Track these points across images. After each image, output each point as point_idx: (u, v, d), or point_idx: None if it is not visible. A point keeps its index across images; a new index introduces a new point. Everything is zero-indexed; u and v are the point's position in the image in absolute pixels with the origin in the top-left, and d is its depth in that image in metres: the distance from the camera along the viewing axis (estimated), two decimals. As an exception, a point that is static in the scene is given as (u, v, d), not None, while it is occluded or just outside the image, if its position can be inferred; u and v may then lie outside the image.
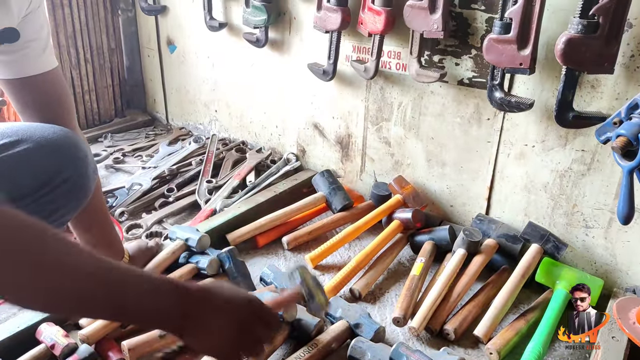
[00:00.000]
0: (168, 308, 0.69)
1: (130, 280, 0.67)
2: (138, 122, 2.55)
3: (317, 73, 1.67)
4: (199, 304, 0.72)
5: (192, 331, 0.72)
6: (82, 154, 1.03)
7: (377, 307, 1.31)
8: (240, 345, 0.75)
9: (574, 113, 1.17)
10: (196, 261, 1.32)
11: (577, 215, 1.33)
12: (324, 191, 1.67)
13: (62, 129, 1.04)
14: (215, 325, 0.72)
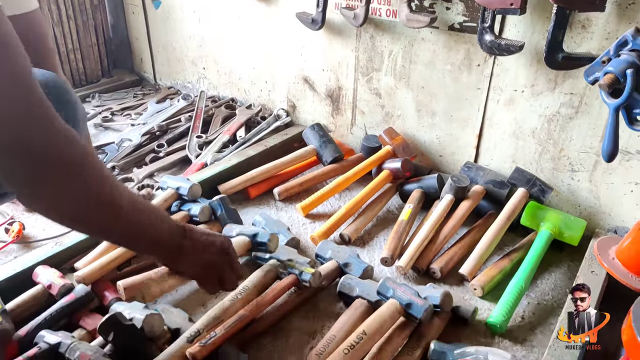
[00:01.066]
0: (171, 239, 0.86)
1: (151, 210, 0.84)
2: (125, 82, 2.51)
3: (306, 22, 1.64)
4: (191, 240, 0.89)
5: (181, 261, 0.89)
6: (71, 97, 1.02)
7: (366, 250, 1.34)
8: (214, 275, 0.94)
9: (563, 54, 1.17)
10: (188, 209, 1.33)
11: (564, 160, 1.35)
12: (315, 144, 1.67)
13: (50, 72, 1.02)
14: (198, 259, 0.91)
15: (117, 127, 2.02)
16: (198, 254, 0.90)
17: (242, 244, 1.10)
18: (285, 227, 1.34)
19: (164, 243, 0.85)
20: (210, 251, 0.92)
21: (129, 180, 1.63)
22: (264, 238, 1.10)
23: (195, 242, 0.90)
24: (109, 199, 0.73)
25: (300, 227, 1.43)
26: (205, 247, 0.91)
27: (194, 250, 0.89)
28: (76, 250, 1.18)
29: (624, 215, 1.31)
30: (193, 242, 0.89)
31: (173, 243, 0.86)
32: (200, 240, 0.91)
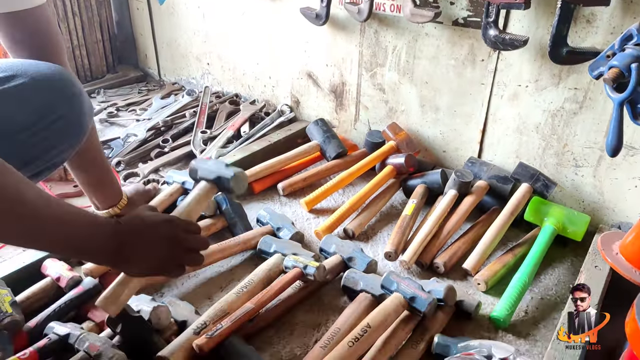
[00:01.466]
0: (104, 241, 0.76)
1: (68, 217, 0.74)
2: (130, 78, 2.52)
3: (310, 17, 1.64)
4: (130, 233, 0.79)
5: (126, 259, 0.79)
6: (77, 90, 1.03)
7: (370, 245, 1.35)
8: (172, 258, 0.84)
9: (568, 48, 1.16)
10: (192, 203, 1.34)
11: (568, 155, 1.35)
12: (318, 139, 1.67)
13: (56, 65, 1.03)
14: (144, 248, 0.80)
15: (122, 123, 2.04)
16: (143, 253, 0.80)
17: (206, 190, 0.98)
18: (290, 221, 1.35)
19: (90, 244, 0.75)
20: (157, 245, 0.82)
21: (135, 175, 1.64)
22: (227, 177, 0.95)
23: (135, 240, 0.80)
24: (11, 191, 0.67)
25: (304, 222, 1.44)
26: (149, 243, 0.81)
27: (135, 251, 0.79)
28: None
29: (628, 210, 1.31)
30: (132, 242, 0.79)
31: (105, 245, 0.76)
32: (141, 237, 0.81)
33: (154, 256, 0.81)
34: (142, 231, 0.81)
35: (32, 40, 1.06)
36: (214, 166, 0.98)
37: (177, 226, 0.85)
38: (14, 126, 0.92)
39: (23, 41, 1.06)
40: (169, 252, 0.83)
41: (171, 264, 0.84)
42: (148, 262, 0.81)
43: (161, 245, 0.82)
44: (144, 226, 0.82)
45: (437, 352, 0.97)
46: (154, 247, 0.81)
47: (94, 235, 0.76)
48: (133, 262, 0.80)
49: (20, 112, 0.95)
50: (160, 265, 0.83)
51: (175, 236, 0.84)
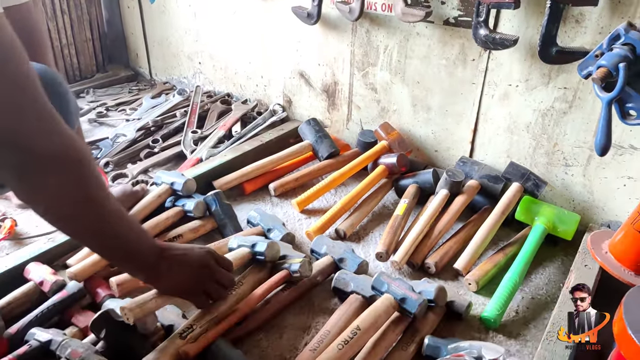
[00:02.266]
0: (147, 256, 0.85)
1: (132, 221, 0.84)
2: (121, 77, 2.50)
3: (301, 16, 1.63)
4: (167, 260, 0.88)
5: (160, 280, 0.89)
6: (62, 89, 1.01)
7: (361, 245, 1.34)
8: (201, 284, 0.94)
9: (557, 48, 1.16)
10: (182, 204, 1.33)
11: (558, 154, 1.36)
12: (310, 139, 1.67)
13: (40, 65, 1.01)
14: (177, 277, 0.90)
15: (111, 123, 2.02)
16: (176, 273, 0.89)
17: (241, 256, 1.09)
18: (281, 222, 1.34)
19: (140, 258, 0.85)
20: (188, 269, 0.91)
21: (124, 176, 1.62)
22: (261, 248, 1.09)
23: (172, 261, 0.89)
24: (98, 200, 0.75)
25: (295, 222, 1.43)
26: (183, 264, 0.91)
27: (170, 270, 0.88)
28: (69, 247, 1.17)
29: (617, 209, 1.32)
30: (169, 262, 0.88)
31: (149, 261, 0.85)
32: (177, 258, 0.90)
33: (185, 278, 0.91)
34: (181, 253, 0.91)
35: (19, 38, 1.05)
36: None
37: (212, 257, 0.96)
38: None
39: None
40: (199, 278, 0.93)
41: (198, 289, 0.94)
42: (178, 281, 0.90)
43: (192, 270, 0.92)
44: (183, 249, 0.93)
45: (428, 354, 0.97)
46: (187, 269, 0.91)
47: (148, 254, 0.85)
48: (165, 278, 0.89)
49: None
50: (188, 288, 0.92)
51: (208, 265, 0.94)
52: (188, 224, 1.29)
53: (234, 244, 1.16)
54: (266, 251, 1.09)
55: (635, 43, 1.04)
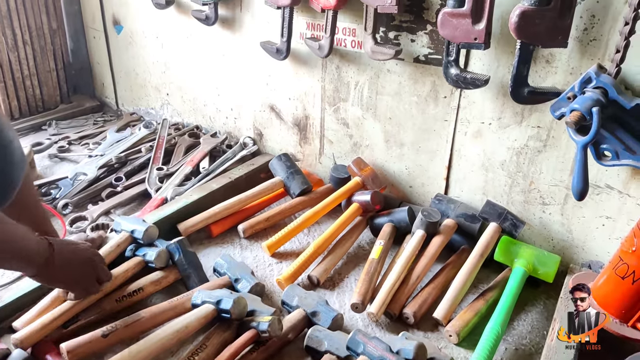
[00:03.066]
0: (38, 252, 0.93)
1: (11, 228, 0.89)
2: (86, 108, 2.40)
3: (271, 52, 1.59)
4: (59, 250, 0.97)
5: (49, 273, 0.96)
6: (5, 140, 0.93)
7: (336, 293, 1.28)
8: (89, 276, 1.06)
9: (529, 88, 1.14)
10: (143, 254, 1.24)
11: (534, 193, 1.33)
12: (282, 176, 1.61)
13: None
14: (67, 266, 0.99)
15: (73, 158, 1.92)
16: (66, 266, 0.98)
17: (205, 314, 1.03)
18: (249, 270, 1.26)
19: (30, 255, 0.91)
20: (78, 262, 1.02)
21: (83, 219, 1.52)
22: (227, 305, 1.03)
23: (63, 255, 0.97)
24: None
25: (266, 268, 1.36)
26: (73, 258, 1.01)
27: (61, 263, 0.96)
28: (16, 307, 1.07)
29: (597, 249, 1.29)
30: (61, 256, 0.96)
31: (39, 255, 0.93)
32: (68, 252, 1.00)
33: (74, 270, 1.01)
34: (72, 248, 1.02)
35: None
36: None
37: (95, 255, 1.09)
38: None
39: None
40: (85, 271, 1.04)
41: (83, 282, 1.04)
42: (68, 273, 1.00)
43: (80, 263, 1.03)
44: (73, 243, 1.04)
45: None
46: (76, 263, 1.02)
47: (36, 253, 0.92)
48: (57, 270, 0.96)
49: None
50: (75, 279, 1.03)
51: (94, 261, 1.07)
52: (149, 276, 1.20)
53: (198, 300, 1.08)
54: (232, 309, 1.02)
55: (607, 87, 1.02)
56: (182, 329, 0.99)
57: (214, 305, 1.05)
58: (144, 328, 1.05)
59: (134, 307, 1.14)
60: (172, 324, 1.00)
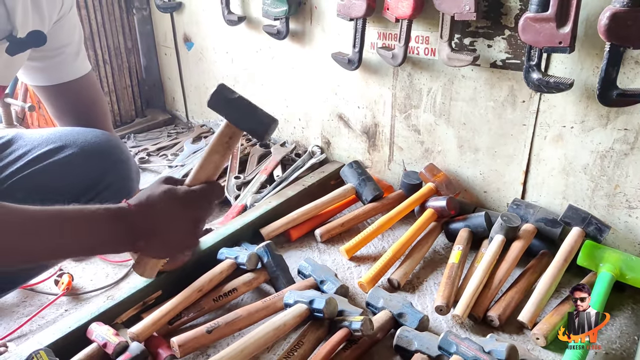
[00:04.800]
0: (118, 231, 0.76)
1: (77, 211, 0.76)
2: (159, 121, 2.56)
3: (342, 62, 1.64)
4: (140, 216, 0.78)
5: (147, 242, 0.79)
6: (124, 156, 1.03)
7: (417, 296, 1.30)
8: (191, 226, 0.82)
9: (617, 91, 1.13)
10: (235, 256, 1.32)
11: (620, 196, 1.30)
12: (354, 182, 1.65)
13: (103, 132, 1.04)
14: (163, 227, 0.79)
15: (154, 169, 2.05)
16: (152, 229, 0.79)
17: (299, 313, 1.08)
18: (333, 273, 1.31)
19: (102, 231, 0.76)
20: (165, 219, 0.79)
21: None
22: (320, 305, 1.07)
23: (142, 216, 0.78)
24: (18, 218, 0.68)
25: (345, 271, 1.40)
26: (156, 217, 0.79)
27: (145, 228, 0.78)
28: (127, 305, 1.17)
29: (689, 253, 1.25)
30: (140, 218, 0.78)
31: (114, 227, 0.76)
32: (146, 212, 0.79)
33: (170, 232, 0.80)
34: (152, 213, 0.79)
35: (79, 108, 1.08)
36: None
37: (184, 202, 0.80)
38: (65, 197, 0.91)
39: (69, 110, 1.08)
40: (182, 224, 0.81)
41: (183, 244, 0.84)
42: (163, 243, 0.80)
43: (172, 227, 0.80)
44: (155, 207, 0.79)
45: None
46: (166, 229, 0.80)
47: (106, 222, 0.76)
48: (148, 245, 0.79)
49: (70, 182, 0.95)
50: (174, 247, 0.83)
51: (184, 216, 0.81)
52: (241, 277, 1.27)
53: (290, 300, 1.14)
54: (325, 308, 1.07)
55: None
56: (280, 327, 1.05)
57: (307, 305, 1.10)
58: (242, 325, 1.11)
59: (228, 306, 1.22)
60: (270, 322, 1.06)
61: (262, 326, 1.05)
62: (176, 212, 0.80)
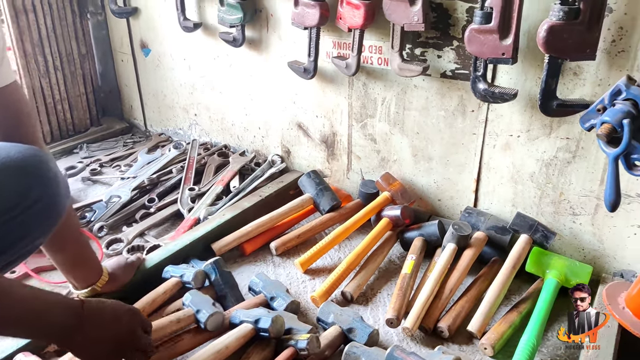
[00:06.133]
0: (61, 325, 0.82)
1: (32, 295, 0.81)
2: (115, 130, 2.48)
3: (298, 71, 1.63)
4: (89, 321, 0.86)
5: (79, 344, 0.85)
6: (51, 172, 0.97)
7: (370, 308, 1.29)
8: (123, 352, 0.91)
9: (557, 101, 1.16)
10: (180, 274, 1.28)
11: (564, 203, 1.33)
12: (311, 192, 1.64)
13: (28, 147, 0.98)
14: (98, 341, 0.87)
15: (106, 181, 1.98)
16: (97, 332, 0.87)
17: (244, 333, 1.05)
18: (284, 288, 1.29)
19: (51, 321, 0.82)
20: (113, 327, 0.89)
21: (119, 241, 1.57)
22: (265, 324, 1.05)
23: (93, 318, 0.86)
24: None
25: (299, 285, 1.39)
26: (106, 322, 0.89)
27: (91, 328, 0.85)
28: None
29: (629, 258, 1.28)
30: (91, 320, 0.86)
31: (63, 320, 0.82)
32: (99, 314, 0.88)
33: (107, 346, 0.88)
34: (103, 317, 0.89)
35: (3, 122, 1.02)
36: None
37: (137, 321, 0.94)
38: None
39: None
40: (122, 346, 0.90)
41: (120, 356, 0.91)
42: (101, 348, 0.87)
43: (117, 336, 0.89)
44: (106, 312, 0.90)
45: None
46: (110, 336, 0.89)
47: (57, 314, 0.82)
48: (88, 346, 0.86)
49: None
50: (111, 355, 0.89)
51: (133, 332, 0.92)
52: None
53: (236, 319, 1.11)
54: (271, 327, 1.05)
55: (637, 99, 1.03)
56: (222, 350, 1.02)
57: (252, 324, 1.08)
58: (184, 349, 1.08)
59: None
60: (212, 345, 1.03)
61: (203, 350, 1.02)
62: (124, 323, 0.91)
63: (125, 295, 1.20)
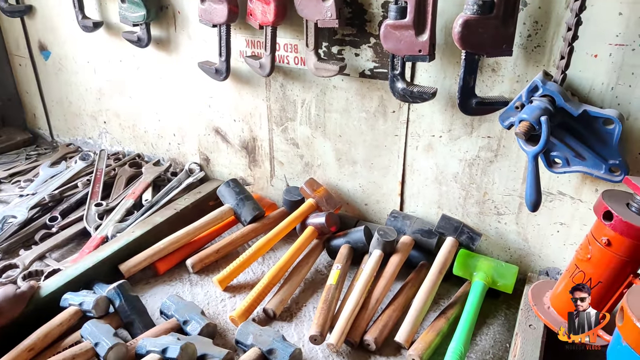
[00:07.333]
0: None
1: None
2: (17, 141, 2.22)
3: (210, 72, 1.51)
4: None
5: None
6: None
7: (294, 324, 1.20)
8: None
9: (477, 99, 1.12)
10: (80, 302, 1.11)
11: (489, 203, 1.31)
12: (231, 203, 1.52)
13: None
14: None
15: (4, 199, 1.74)
16: None
17: None
18: (199, 310, 1.16)
19: None
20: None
21: (14, 267, 1.37)
22: (174, 353, 0.94)
23: None
24: None
25: (218, 304, 1.26)
26: None
27: None
28: None
29: (553, 255, 1.28)
30: None
31: None
32: None
33: None
34: None
35: None
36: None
37: None
38: None
39: None
40: None
41: None
42: None
43: None
44: None
45: None
46: None
47: None
48: None
49: None
50: None
51: None
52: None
53: (142, 349, 0.98)
54: (179, 356, 0.93)
55: (554, 94, 1.01)
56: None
57: (160, 355, 0.95)
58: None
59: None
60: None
61: None
62: None
63: (13, 330, 1.02)
